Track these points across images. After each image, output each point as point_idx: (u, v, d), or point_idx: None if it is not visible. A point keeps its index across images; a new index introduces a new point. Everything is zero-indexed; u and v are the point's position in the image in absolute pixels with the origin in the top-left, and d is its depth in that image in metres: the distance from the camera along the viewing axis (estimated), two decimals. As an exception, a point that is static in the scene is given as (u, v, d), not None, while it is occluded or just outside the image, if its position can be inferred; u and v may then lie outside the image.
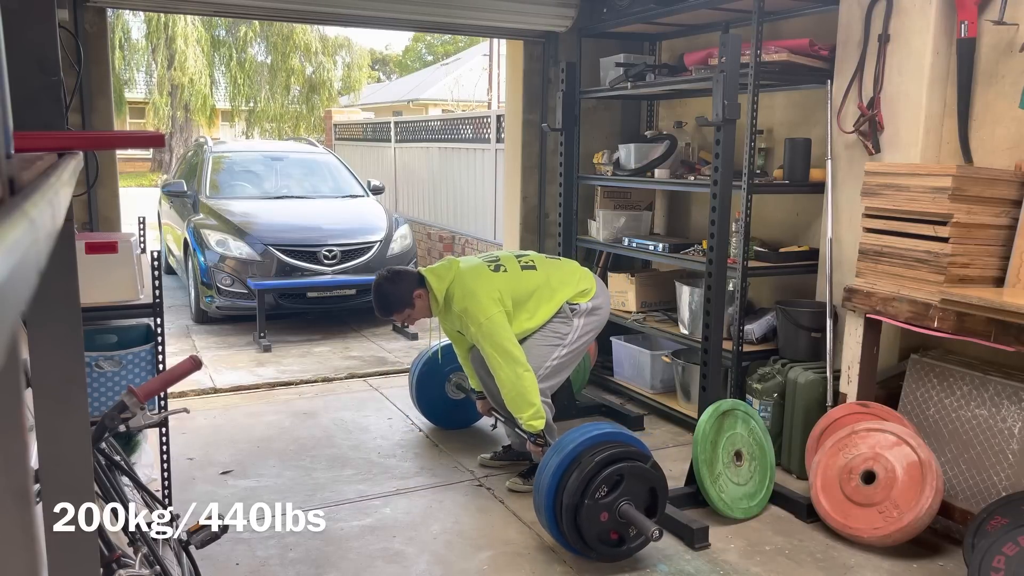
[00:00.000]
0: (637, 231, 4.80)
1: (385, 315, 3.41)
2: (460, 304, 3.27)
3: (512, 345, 3.22)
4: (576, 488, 2.72)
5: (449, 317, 3.39)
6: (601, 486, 2.74)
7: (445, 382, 4.10)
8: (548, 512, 2.80)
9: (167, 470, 3.05)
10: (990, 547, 2.52)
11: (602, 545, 2.77)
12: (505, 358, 3.19)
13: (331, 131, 13.83)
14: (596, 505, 2.73)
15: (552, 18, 4.90)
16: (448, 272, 3.35)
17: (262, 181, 7.61)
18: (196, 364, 2.04)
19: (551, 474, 2.80)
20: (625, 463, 2.79)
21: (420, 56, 36.76)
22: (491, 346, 3.21)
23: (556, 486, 2.78)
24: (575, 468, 2.77)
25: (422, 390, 4.12)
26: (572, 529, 2.74)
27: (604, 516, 2.75)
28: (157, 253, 2.91)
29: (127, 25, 19.18)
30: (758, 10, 3.50)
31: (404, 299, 3.32)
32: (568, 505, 2.72)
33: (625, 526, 2.79)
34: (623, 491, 2.78)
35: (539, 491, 2.84)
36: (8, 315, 0.37)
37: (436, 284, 3.31)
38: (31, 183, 0.62)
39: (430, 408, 4.16)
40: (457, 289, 3.29)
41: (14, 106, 0.64)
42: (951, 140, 3.26)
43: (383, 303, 3.37)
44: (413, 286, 3.33)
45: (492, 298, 3.26)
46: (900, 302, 2.99)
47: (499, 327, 3.22)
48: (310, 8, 4.54)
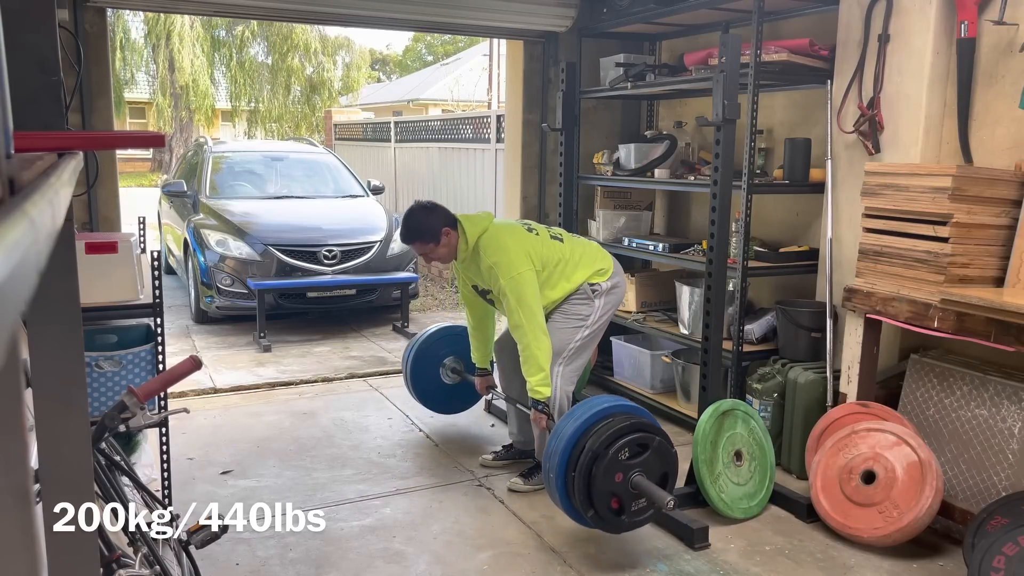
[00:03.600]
0: (637, 231, 4.80)
1: (410, 241, 3.33)
2: (491, 257, 3.21)
3: (538, 306, 3.19)
4: (604, 438, 2.72)
5: (472, 268, 3.33)
6: (626, 447, 2.75)
7: (439, 367, 4.07)
8: (564, 454, 2.78)
9: (167, 470, 3.05)
10: (990, 547, 2.52)
11: (604, 507, 2.75)
12: (528, 317, 3.16)
13: (331, 131, 13.83)
14: (616, 462, 2.72)
15: (552, 18, 4.90)
16: (483, 221, 3.31)
17: (262, 181, 7.61)
18: (196, 364, 2.04)
19: (585, 418, 2.81)
20: (656, 438, 2.81)
21: (420, 56, 36.76)
22: (517, 301, 3.16)
23: (584, 430, 2.77)
24: (607, 420, 2.78)
25: (416, 377, 4.08)
26: (583, 478, 2.72)
27: (619, 477, 2.74)
28: (157, 253, 2.91)
29: (127, 25, 19.18)
30: (758, 10, 3.50)
31: (433, 231, 3.25)
32: (590, 449, 2.71)
33: (631, 497, 2.77)
34: (642, 462, 2.77)
35: (560, 435, 2.83)
36: (8, 315, 0.37)
37: (470, 228, 3.26)
38: (31, 183, 0.62)
39: (425, 395, 4.13)
40: (490, 241, 3.25)
41: (14, 106, 0.64)
42: (951, 140, 3.26)
43: (411, 228, 3.30)
44: (446, 222, 3.27)
45: (524, 254, 3.22)
46: (900, 302, 2.99)
47: (528, 284, 3.18)
48: (310, 8, 4.54)
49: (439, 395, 4.14)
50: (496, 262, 3.19)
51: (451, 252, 3.31)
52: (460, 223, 3.28)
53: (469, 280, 3.46)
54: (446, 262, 3.41)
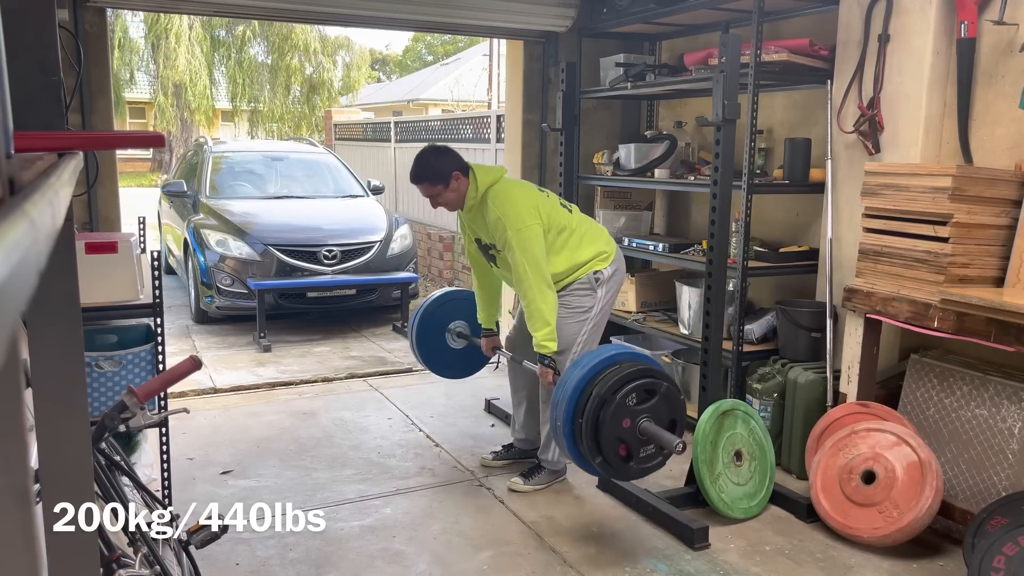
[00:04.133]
0: (637, 231, 4.80)
1: (418, 181, 3.30)
2: (499, 208, 3.18)
3: (544, 260, 3.17)
4: (611, 384, 2.72)
5: (478, 220, 3.30)
6: (633, 392, 2.74)
7: (445, 332, 4.03)
8: (571, 401, 2.77)
9: (167, 470, 3.05)
10: (990, 547, 2.52)
11: (611, 453, 2.74)
12: (535, 271, 3.14)
13: (331, 131, 13.83)
14: (623, 407, 2.72)
15: (552, 18, 4.90)
16: (496, 172, 3.30)
17: (262, 181, 7.61)
18: (196, 364, 2.04)
19: (592, 365, 2.80)
20: (664, 384, 2.81)
21: (420, 56, 36.76)
22: (523, 254, 3.13)
23: (591, 377, 2.77)
24: (615, 367, 2.78)
25: (423, 342, 4.03)
26: (591, 424, 2.71)
27: (626, 422, 2.73)
28: (157, 253, 2.91)
29: (125, 24, 19.18)
30: (758, 10, 3.50)
31: (443, 173, 3.22)
32: (597, 395, 2.71)
33: (639, 443, 2.76)
34: (650, 408, 2.76)
35: (567, 384, 2.82)
36: (8, 315, 0.37)
37: (482, 176, 3.24)
38: (31, 183, 0.62)
39: (431, 359, 4.07)
40: (500, 192, 3.22)
41: (14, 106, 0.64)
42: (951, 140, 3.26)
43: (421, 168, 3.28)
44: (457, 166, 3.25)
45: (533, 208, 3.20)
46: (900, 302, 2.99)
47: (535, 239, 3.15)
48: (310, 8, 4.54)
49: (446, 360, 4.08)
50: (504, 213, 3.16)
51: (459, 199, 3.27)
52: (472, 170, 3.26)
53: (474, 233, 3.41)
54: (452, 208, 3.35)
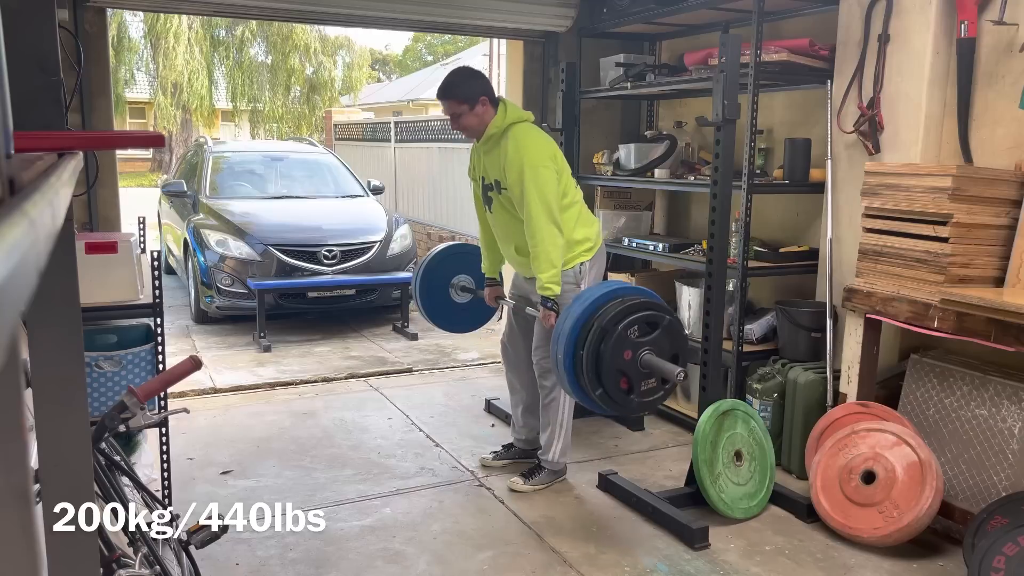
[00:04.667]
0: (637, 231, 4.80)
1: (445, 97, 3.27)
2: (521, 142, 3.17)
3: (556, 202, 3.16)
4: (613, 315, 2.71)
5: (493, 155, 3.28)
6: (635, 325, 2.73)
7: (449, 286, 4.02)
8: (572, 333, 2.77)
9: (167, 470, 3.05)
10: (990, 547, 2.52)
11: (612, 385, 2.74)
12: (545, 210, 3.12)
13: (331, 131, 13.83)
14: (625, 339, 2.71)
15: (552, 18, 4.90)
16: (524, 114, 3.31)
17: (262, 181, 7.61)
18: (196, 364, 2.04)
19: (593, 299, 2.79)
20: (666, 317, 2.80)
21: (420, 56, 36.77)
22: (536, 191, 3.12)
23: (593, 310, 2.76)
24: (617, 300, 2.78)
25: (426, 298, 4.02)
26: (592, 355, 2.70)
27: (628, 355, 2.73)
28: (157, 253, 2.91)
29: (125, 24, 19.18)
30: (758, 10, 3.50)
31: (471, 94, 3.20)
32: (599, 327, 2.70)
33: (640, 376, 2.76)
34: (652, 340, 2.76)
35: (568, 316, 2.82)
36: (8, 315, 0.37)
37: (512, 110, 3.25)
38: (31, 183, 0.62)
39: (436, 313, 4.07)
40: (525, 129, 3.23)
41: (14, 106, 0.64)
42: (951, 140, 3.26)
43: (450, 84, 3.26)
44: (486, 92, 3.25)
45: (551, 155, 3.21)
46: (900, 302, 2.99)
47: (550, 181, 3.15)
48: (310, 8, 4.54)
49: (450, 314, 4.08)
50: (525, 147, 3.16)
51: (480, 125, 3.26)
52: (504, 103, 3.28)
53: (481, 170, 3.39)
54: (470, 134, 3.34)
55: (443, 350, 5.84)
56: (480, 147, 3.35)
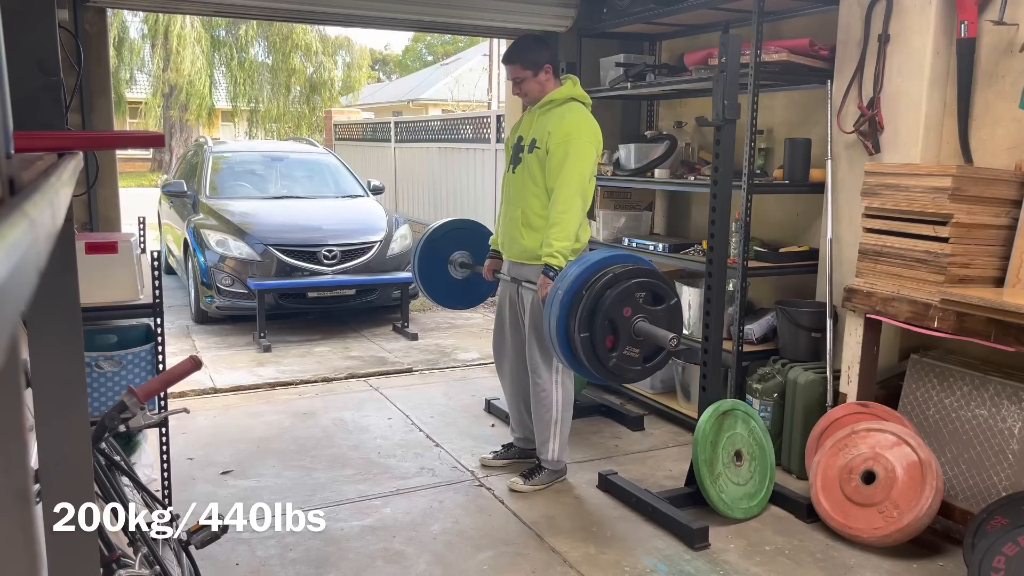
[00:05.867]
0: (637, 231, 4.80)
1: (511, 61, 3.35)
2: (577, 116, 3.24)
3: (588, 182, 3.23)
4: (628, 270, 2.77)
5: (541, 122, 3.31)
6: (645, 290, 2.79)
7: (447, 263, 4.03)
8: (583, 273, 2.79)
9: (167, 470, 3.05)
10: (990, 547, 2.52)
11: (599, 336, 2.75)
12: (580, 183, 3.18)
13: (331, 131, 13.83)
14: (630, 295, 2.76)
15: (552, 18, 4.90)
16: (586, 96, 3.37)
17: (262, 181, 7.61)
18: (196, 364, 2.04)
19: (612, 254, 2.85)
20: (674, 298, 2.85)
21: (420, 56, 36.78)
22: (577, 164, 3.17)
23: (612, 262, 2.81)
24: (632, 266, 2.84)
25: (425, 273, 4.03)
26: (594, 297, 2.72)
27: (627, 311, 2.76)
28: (157, 253, 2.91)
29: (125, 24, 19.18)
30: (758, 10, 3.50)
31: (537, 61, 3.29)
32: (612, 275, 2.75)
33: (628, 340, 2.78)
34: (652, 312, 2.80)
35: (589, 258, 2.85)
36: (8, 315, 0.37)
37: (576, 88, 3.32)
38: (31, 183, 0.62)
39: (435, 290, 4.09)
40: (579, 109, 3.29)
41: (14, 106, 0.64)
42: (951, 140, 3.26)
43: (517, 49, 3.35)
44: (551, 60, 3.33)
45: (597, 141, 3.29)
46: (900, 302, 2.99)
47: (591, 160, 3.23)
48: (310, 8, 4.54)
49: (448, 290, 4.09)
50: (580, 121, 3.24)
51: (539, 92, 3.33)
52: (572, 79, 3.36)
53: (527, 132, 3.39)
54: (529, 100, 3.39)
55: (443, 350, 5.84)
56: (536, 109, 3.39)
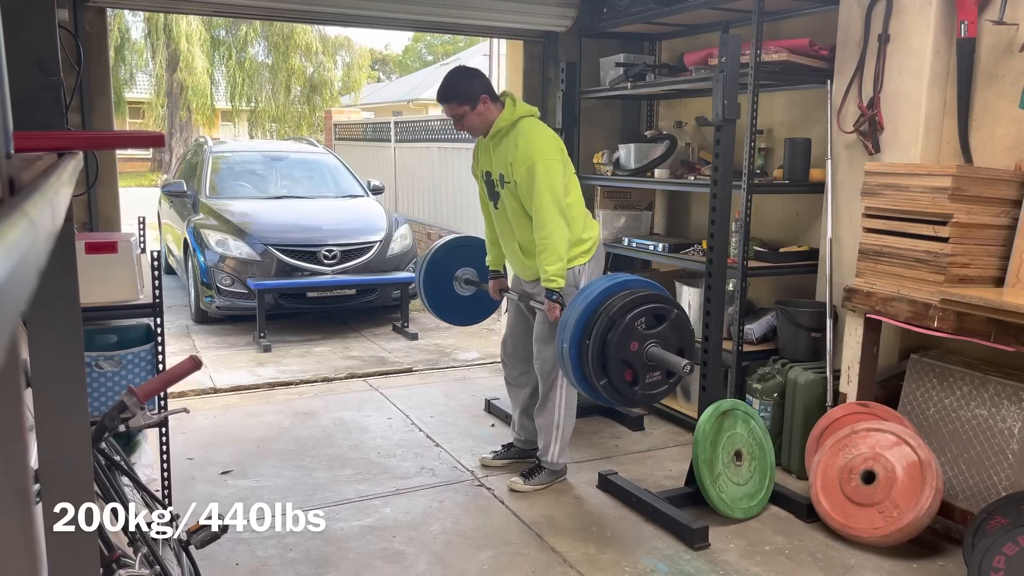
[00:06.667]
0: (637, 231, 4.80)
1: (444, 100, 3.25)
2: (531, 135, 3.15)
3: (563, 195, 3.16)
4: (620, 306, 2.72)
5: (500, 149, 3.25)
6: (643, 317, 2.74)
7: (452, 280, 4.02)
8: (579, 322, 2.76)
9: (167, 470, 3.05)
10: (990, 547, 2.52)
11: (617, 376, 2.74)
12: (555, 203, 3.12)
13: (331, 131, 13.83)
14: (632, 330, 2.72)
15: (552, 18, 4.90)
16: (532, 108, 3.30)
17: (262, 181, 7.61)
18: (196, 364, 2.04)
19: (600, 289, 2.80)
20: (673, 311, 2.80)
21: (420, 56, 36.78)
22: (547, 186, 3.10)
23: (601, 300, 2.77)
24: (625, 292, 2.79)
25: (430, 291, 4.02)
26: (598, 344, 2.70)
27: (634, 346, 2.73)
28: (157, 253, 2.91)
29: (126, 24, 19.18)
30: (758, 10, 3.50)
31: (471, 94, 3.18)
32: (607, 317, 2.71)
33: (645, 368, 2.76)
34: (658, 334, 2.76)
35: (576, 305, 2.82)
36: (8, 315, 0.37)
37: (520, 105, 3.24)
38: (31, 183, 0.62)
39: (441, 307, 4.07)
40: (534, 124, 3.22)
41: (14, 106, 0.64)
42: (951, 140, 3.26)
43: (448, 87, 3.23)
44: (485, 90, 3.22)
45: (558, 148, 3.21)
46: (900, 302, 2.99)
47: (559, 174, 3.14)
48: (310, 8, 4.54)
49: (454, 306, 4.07)
50: (536, 140, 3.15)
51: (483, 124, 3.24)
52: (511, 97, 3.26)
53: (490, 165, 3.35)
54: (475, 133, 3.31)
55: (443, 350, 5.84)
56: (488, 142, 3.31)
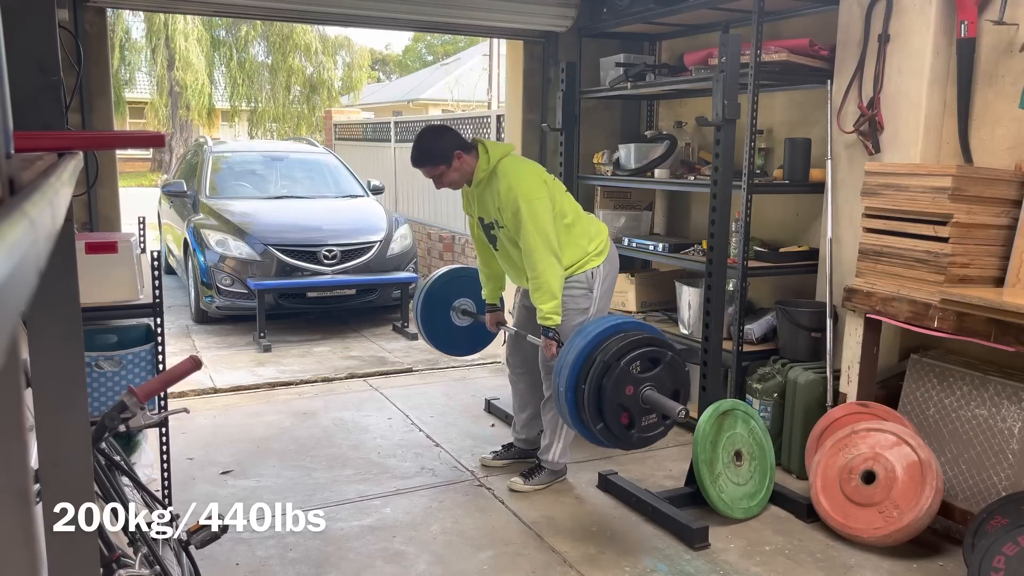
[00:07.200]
0: (637, 231, 4.80)
1: (419, 164, 3.27)
2: (510, 179, 3.15)
3: (553, 232, 3.15)
4: (615, 351, 2.72)
5: (486, 195, 3.26)
6: (638, 360, 2.74)
7: (450, 310, 4.02)
8: (574, 366, 2.77)
9: (167, 470, 3.05)
10: (990, 547, 2.52)
11: (613, 420, 2.74)
12: (544, 242, 3.12)
13: (331, 131, 13.82)
14: (627, 374, 2.72)
15: (552, 18, 4.90)
16: (506, 147, 3.29)
17: (262, 181, 7.61)
18: (196, 364, 2.04)
19: (596, 332, 2.80)
20: (668, 353, 2.80)
21: (420, 56, 36.77)
22: (534, 225, 3.10)
23: (596, 344, 2.77)
24: (620, 335, 2.78)
25: (427, 321, 4.02)
26: (594, 389, 2.70)
27: (629, 390, 2.73)
28: (157, 253, 2.91)
29: (126, 24, 19.18)
30: (758, 10, 3.50)
31: (444, 154, 3.18)
32: (601, 361, 2.71)
33: (641, 412, 2.76)
34: (653, 376, 2.76)
35: (571, 349, 2.82)
36: (8, 315, 0.37)
37: (493, 149, 3.22)
38: (31, 183, 0.62)
39: (437, 337, 4.07)
40: (511, 165, 3.21)
41: (14, 106, 0.64)
42: (951, 140, 3.26)
43: (421, 151, 3.24)
44: (458, 145, 3.22)
45: (542, 182, 3.20)
46: (900, 302, 2.99)
47: (545, 211, 3.14)
48: (310, 8, 4.54)
49: (451, 337, 4.07)
50: (516, 183, 3.14)
51: (463, 177, 3.25)
52: (483, 144, 3.25)
53: (479, 211, 3.37)
54: (457, 187, 3.33)
55: (443, 350, 5.84)
56: (472, 191, 3.33)
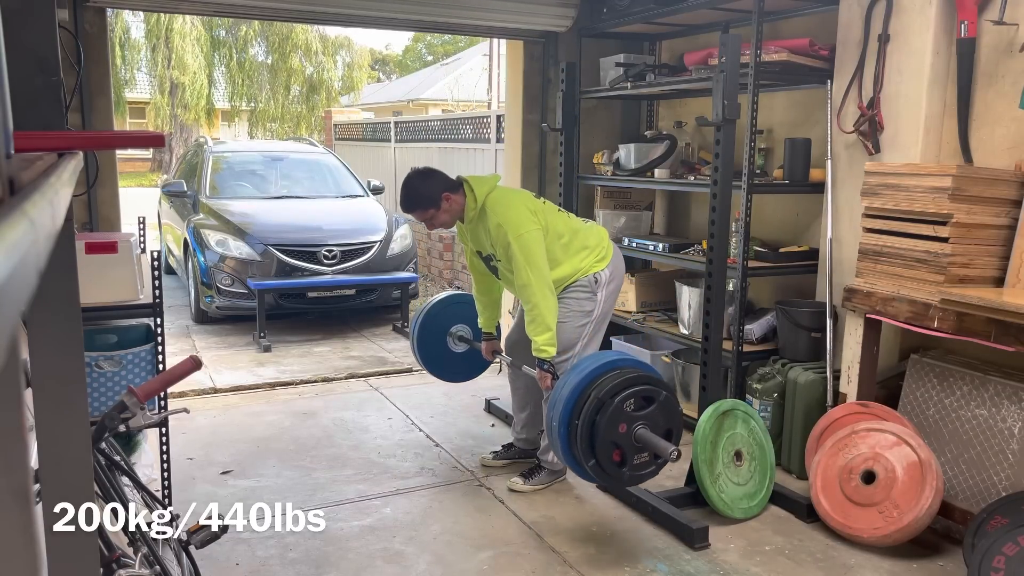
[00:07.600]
0: (637, 231, 4.80)
1: (408, 210, 3.29)
2: (498, 215, 3.17)
3: (545, 265, 3.16)
4: (609, 388, 2.72)
5: (478, 230, 3.28)
6: (632, 399, 2.74)
7: (447, 335, 4.01)
8: (568, 402, 2.77)
9: (167, 470, 3.05)
10: (990, 547, 2.52)
11: (605, 457, 2.74)
12: (537, 275, 3.13)
13: (331, 131, 13.83)
14: (620, 412, 2.71)
15: (552, 18, 4.90)
16: (492, 180, 3.29)
17: (262, 181, 7.61)
18: (196, 364, 2.04)
19: (591, 368, 2.80)
20: (663, 392, 2.80)
21: (420, 56, 36.76)
22: (526, 259, 3.12)
23: (591, 380, 2.77)
24: (615, 372, 2.78)
25: (424, 346, 4.01)
26: (587, 426, 2.70)
27: (623, 427, 2.73)
28: (157, 253, 2.91)
29: (126, 24, 19.18)
30: (758, 10, 3.50)
31: (432, 197, 3.21)
32: (595, 398, 2.70)
33: (634, 450, 2.76)
34: (647, 415, 2.76)
35: (565, 385, 2.82)
36: (8, 315, 0.37)
37: (479, 187, 3.23)
38: (31, 183, 0.62)
39: (433, 362, 4.06)
40: (498, 199, 3.22)
41: (14, 106, 0.64)
42: (951, 140, 3.26)
43: (409, 197, 3.26)
44: (444, 187, 3.23)
45: (530, 212, 3.21)
46: (900, 302, 2.99)
47: (536, 243, 3.15)
48: (310, 8, 4.54)
49: (447, 363, 4.06)
50: (505, 219, 3.16)
51: (454, 217, 3.28)
52: (469, 183, 3.25)
53: (476, 245, 3.40)
54: (450, 227, 3.35)
55: (443, 350, 5.84)
56: (465, 227, 3.35)
